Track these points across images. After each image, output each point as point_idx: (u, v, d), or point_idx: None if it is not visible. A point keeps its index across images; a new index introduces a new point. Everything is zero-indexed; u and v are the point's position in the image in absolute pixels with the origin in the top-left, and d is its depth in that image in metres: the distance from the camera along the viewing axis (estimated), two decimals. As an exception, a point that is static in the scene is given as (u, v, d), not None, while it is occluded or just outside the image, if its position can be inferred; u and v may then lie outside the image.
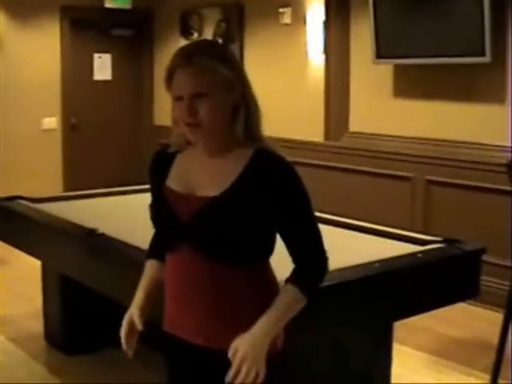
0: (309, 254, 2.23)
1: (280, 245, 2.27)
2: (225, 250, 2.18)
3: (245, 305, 2.22)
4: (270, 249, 2.27)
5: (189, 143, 2.30)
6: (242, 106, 2.19)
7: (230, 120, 2.20)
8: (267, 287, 2.27)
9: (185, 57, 2.17)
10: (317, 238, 2.23)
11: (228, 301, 2.21)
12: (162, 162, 2.37)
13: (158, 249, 2.43)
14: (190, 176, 2.27)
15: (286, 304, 2.18)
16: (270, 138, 2.30)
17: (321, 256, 2.24)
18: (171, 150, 2.35)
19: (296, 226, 2.21)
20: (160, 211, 2.33)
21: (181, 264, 2.25)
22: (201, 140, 2.23)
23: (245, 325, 2.16)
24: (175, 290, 2.30)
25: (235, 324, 2.19)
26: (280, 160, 2.19)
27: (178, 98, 2.18)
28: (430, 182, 6.38)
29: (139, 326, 2.33)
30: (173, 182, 2.30)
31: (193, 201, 2.21)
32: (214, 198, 2.17)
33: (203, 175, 2.24)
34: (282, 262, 2.29)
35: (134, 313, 2.36)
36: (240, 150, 2.21)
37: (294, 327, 2.30)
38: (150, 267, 2.45)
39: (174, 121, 2.25)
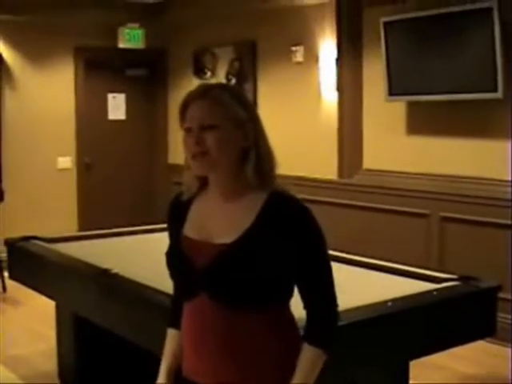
0: (322, 303, 2.20)
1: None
2: (241, 297, 2.15)
3: (263, 352, 2.18)
4: (287, 293, 2.23)
5: (202, 187, 2.29)
6: (252, 148, 2.18)
7: (239, 161, 2.19)
8: (286, 333, 2.24)
9: (200, 91, 2.21)
10: (331, 285, 2.21)
11: (246, 348, 2.18)
12: (178, 210, 2.35)
13: (178, 315, 2.36)
14: (205, 222, 2.25)
15: (309, 367, 2.17)
16: (284, 176, 2.29)
17: (333, 306, 2.22)
18: (185, 197, 2.33)
19: (311, 271, 2.18)
20: (177, 260, 2.29)
21: (197, 312, 2.22)
22: (207, 171, 2.21)
23: (263, 372, 2.16)
24: (192, 336, 2.26)
25: (253, 371, 2.17)
26: (296, 203, 2.18)
27: (188, 130, 2.19)
28: (444, 218, 6.34)
29: None
30: (189, 230, 2.28)
31: (208, 248, 2.19)
32: (229, 244, 2.15)
33: (218, 221, 2.22)
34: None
35: None
36: (254, 193, 2.19)
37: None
38: (172, 340, 2.41)
39: (186, 165, 2.25)
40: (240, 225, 2.16)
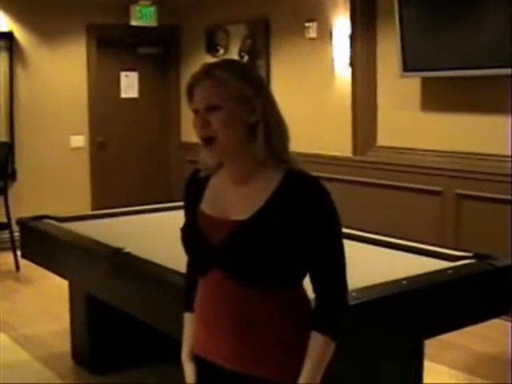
0: (331, 287, 2.17)
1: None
2: (254, 273, 2.14)
3: (276, 330, 2.16)
4: (301, 273, 2.21)
5: (219, 165, 2.27)
6: (261, 124, 2.15)
7: (249, 138, 2.16)
8: (299, 313, 2.21)
9: (203, 71, 2.19)
10: (342, 270, 2.18)
11: (258, 326, 2.16)
12: (195, 186, 2.34)
13: (192, 298, 2.35)
14: (222, 199, 2.24)
15: (319, 356, 2.14)
16: (297, 153, 2.25)
17: (343, 291, 2.19)
18: (203, 173, 2.32)
19: (322, 253, 2.15)
20: (192, 235, 2.29)
21: (211, 288, 2.22)
22: (219, 158, 2.21)
23: (275, 350, 2.15)
24: (206, 314, 2.26)
25: (266, 349, 2.16)
26: (314, 183, 2.15)
27: (195, 112, 2.19)
28: (459, 195, 6.29)
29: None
30: (206, 206, 2.27)
31: (224, 225, 2.18)
32: (244, 221, 2.15)
33: (234, 198, 2.21)
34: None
35: (189, 377, 2.37)
36: (268, 171, 2.17)
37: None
38: (191, 323, 2.39)
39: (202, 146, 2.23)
40: (256, 202, 2.15)
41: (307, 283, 2.22)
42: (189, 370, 2.35)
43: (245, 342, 2.17)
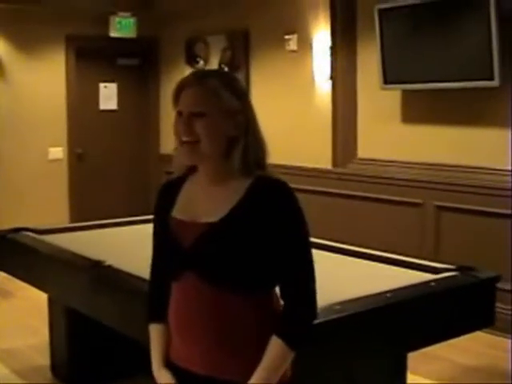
0: (299, 296, 2.18)
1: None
2: (225, 275, 2.17)
3: (249, 334, 2.19)
4: (272, 279, 2.22)
5: (191, 170, 2.32)
6: (241, 138, 2.20)
7: (227, 149, 2.21)
8: (272, 316, 2.22)
9: (195, 77, 2.25)
10: (310, 277, 2.20)
11: (231, 330, 2.18)
12: (168, 193, 2.38)
13: (158, 307, 2.38)
14: (194, 203, 2.29)
15: (275, 360, 2.15)
16: (278, 165, 2.26)
17: (311, 301, 2.19)
18: (175, 177, 2.37)
19: (289, 257, 2.18)
20: (164, 240, 2.33)
21: (184, 292, 2.25)
22: (198, 162, 2.26)
23: (250, 355, 2.16)
24: (179, 318, 2.28)
25: (239, 354, 2.18)
26: (281, 186, 2.20)
27: (179, 113, 2.22)
28: (439, 207, 6.30)
29: None
30: (177, 212, 2.31)
31: (194, 227, 2.22)
32: (213, 223, 2.18)
33: (204, 202, 2.26)
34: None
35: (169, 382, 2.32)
36: (241, 178, 2.21)
37: (304, 359, 2.24)
38: (159, 334, 2.37)
39: (176, 146, 2.27)
40: (225, 205, 2.20)
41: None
42: (166, 376, 2.32)
43: (217, 346, 2.19)
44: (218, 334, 2.18)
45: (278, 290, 2.25)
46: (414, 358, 3.93)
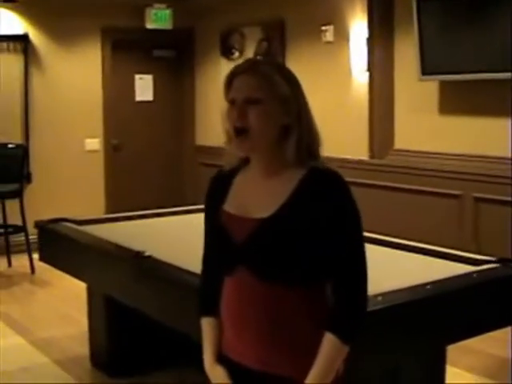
0: (350, 289, 2.15)
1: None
2: (279, 270, 2.15)
3: (302, 328, 2.17)
4: (325, 271, 2.19)
5: (244, 162, 2.29)
6: (295, 126, 2.17)
7: (280, 138, 2.18)
8: (325, 310, 2.19)
9: (249, 64, 2.24)
10: (362, 271, 2.17)
11: (284, 325, 2.16)
12: (219, 186, 2.35)
13: (210, 300, 2.36)
14: (246, 198, 2.25)
15: (328, 357, 2.13)
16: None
17: (362, 294, 2.17)
18: (226, 171, 2.33)
19: (345, 249, 2.15)
20: (216, 235, 2.30)
21: (237, 287, 2.22)
22: (248, 151, 2.22)
23: (302, 350, 2.14)
24: (232, 313, 2.26)
25: (292, 349, 2.16)
26: (334, 177, 2.16)
27: (231, 102, 2.19)
28: (477, 199, 6.26)
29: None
30: (230, 206, 2.28)
31: (248, 223, 2.19)
32: (266, 219, 2.16)
33: (257, 197, 2.23)
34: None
35: (224, 378, 2.30)
36: (293, 169, 2.19)
37: (355, 352, 2.22)
38: (212, 327, 2.36)
39: (228, 138, 2.24)
40: (278, 199, 2.17)
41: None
42: (220, 372, 2.30)
43: (271, 341, 2.17)
44: (271, 328, 2.16)
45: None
46: (452, 350, 3.91)
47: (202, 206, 2.46)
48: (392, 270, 3.68)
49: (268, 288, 2.15)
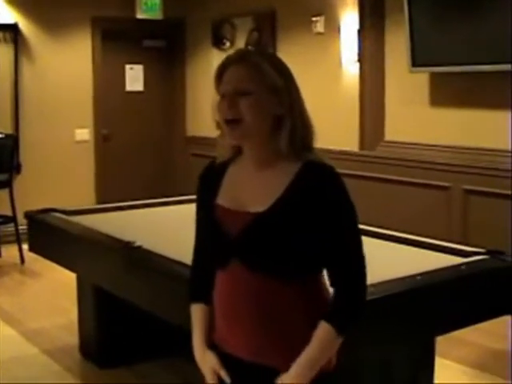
0: (349, 281, 2.14)
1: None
2: (273, 265, 2.13)
3: (296, 321, 2.16)
4: (320, 265, 2.19)
5: (236, 154, 2.27)
6: (287, 117, 2.15)
7: (274, 130, 2.16)
8: (319, 304, 2.19)
9: (238, 55, 2.20)
10: (360, 263, 2.16)
11: (278, 317, 2.15)
12: (210, 179, 2.33)
13: (200, 288, 2.35)
14: (239, 191, 2.23)
15: (322, 345, 2.12)
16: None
17: (361, 286, 2.16)
18: (219, 163, 2.31)
19: (342, 242, 2.14)
20: (209, 228, 2.28)
21: (230, 280, 2.21)
22: (241, 139, 2.19)
23: (295, 341, 2.13)
24: (224, 305, 2.24)
25: (286, 341, 2.16)
26: (329, 172, 2.14)
27: (222, 96, 2.17)
28: (467, 191, 6.28)
29: (227, 379, 2.27)
30: (222, 199, 2.26)
31: (242, 216, 2.17)
32: (261, 213, 2.14)
33: (251, 190, 2.21)
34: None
35: (215, 364, 2.28)
36: (287, 162, 2.17)
37: (347, 342, 2.23)
38: (202, 313, 2.35)
39: (220, 134, 2.23)
40: (273, 193, 2.15)
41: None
42: (210, 357, 2.29)
43: (264, 333, 2.17)
44: (265, 321, 2.15)
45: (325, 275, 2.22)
46: (442, 341, 3.93)
47: (192, 197, 2.46)
48: (382, 261, 3.67)
49: (262, 281, 2.14)
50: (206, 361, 2.30)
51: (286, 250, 2.11)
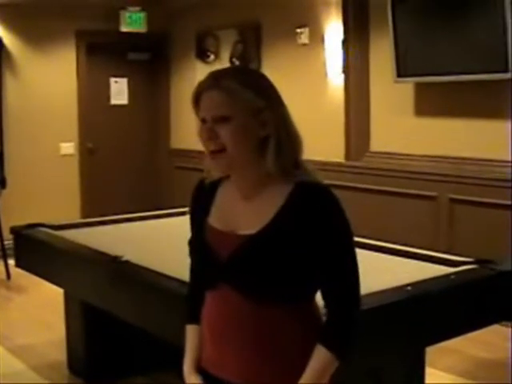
0: (343, 304, 2.09)
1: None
2: (264, 289, 2.07)
3: (288, 344, 2.11)
4: (312, 287, 2.14)
5: (226, 176, 2.22)
6: (272, 137, 2.07)
7: (258, 152, 2.08)
8: (311, 326, 2.14)
9: (212, 79, 2.09)
10: (355, 285, 2.10)
11: (269, 340, 2.10)
12: (202, 197, 2.28)
13: (195, 308, 2.30)
14: (230, 212, 2.17)
15: (320, 370, 2.07)
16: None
17: (354, 309, 2.10)
18: (208, 182, 2.25)
19: (338, 264, 2.08)
20: (199, 248, 2.22)
21: (220, 303, 2.16)
22: (226, 171, 2.14)
23: (287, 364, 2.10)
24: (213, 328, 2.20)
25: (277, 364, 2.10)
26: (323, 193, 2.08)
27: (202, 121, 2.09)
28: (453, 200, 6.29)
29: None
30: (214, 219, 2.21)
31: (232, 239, 2.11)
32: (252, 236, 2.08)
33: (242, 212, 2.14)
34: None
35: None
36: (278, 183, 2.10)
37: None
38: (193, 336, 2.31)
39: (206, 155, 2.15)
40: (264, 216, 2.08)
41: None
42: (195, 381, 2.25)
43: (255, 357, 2.11)
44: (256, 344, 2.10)
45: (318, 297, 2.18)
46: (430, 350, 3.92)
47: (177, 210, 2.44)
48: (371, 271, 3.67)
49: (253, 306, 2.08)
50: (192, 381, 2.27)
51: (276, 274, 2.05)
